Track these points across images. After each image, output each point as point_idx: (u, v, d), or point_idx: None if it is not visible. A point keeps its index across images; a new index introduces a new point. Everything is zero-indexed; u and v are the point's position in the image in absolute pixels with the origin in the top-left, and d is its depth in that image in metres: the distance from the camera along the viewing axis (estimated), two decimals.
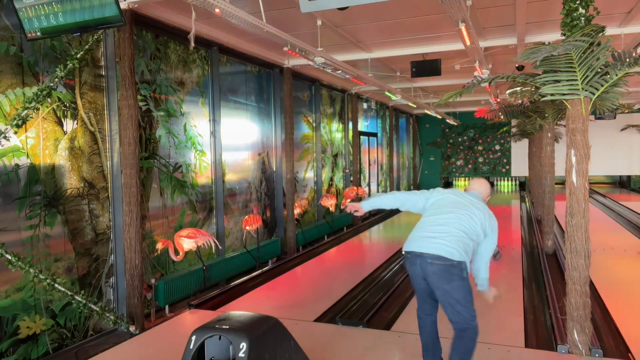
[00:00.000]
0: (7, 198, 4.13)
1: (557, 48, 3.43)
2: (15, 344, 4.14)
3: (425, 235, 3.26)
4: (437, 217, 3.33)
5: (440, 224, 3.27)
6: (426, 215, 3.44)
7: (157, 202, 5.83)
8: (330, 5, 3.55)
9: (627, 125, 17.83)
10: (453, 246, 3.13)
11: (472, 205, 3.35)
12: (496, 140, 19.71)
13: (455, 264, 3.11)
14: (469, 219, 3.26)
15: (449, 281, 3.11)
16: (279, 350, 2.98)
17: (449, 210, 3.34)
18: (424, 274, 3.20)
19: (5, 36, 4.13)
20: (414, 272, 3.29)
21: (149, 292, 5.49)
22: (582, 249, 3.81)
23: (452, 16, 4.66)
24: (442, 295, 3.17)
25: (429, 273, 3.16)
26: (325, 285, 6.29)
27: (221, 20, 4.76)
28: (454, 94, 4.48)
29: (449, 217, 3.28)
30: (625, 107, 12.11)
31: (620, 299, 5.27)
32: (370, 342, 4.25)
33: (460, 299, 3.13)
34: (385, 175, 15.64)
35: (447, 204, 3.40)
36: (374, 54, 8.21)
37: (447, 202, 3.41)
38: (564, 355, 3.87)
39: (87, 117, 4.90)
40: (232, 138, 7.39)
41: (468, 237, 3.21)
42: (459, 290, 3.12)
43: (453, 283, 3.11)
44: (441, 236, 3.18)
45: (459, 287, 3.12)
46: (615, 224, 10.58)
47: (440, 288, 3.15)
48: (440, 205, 3.41)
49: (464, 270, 3.16)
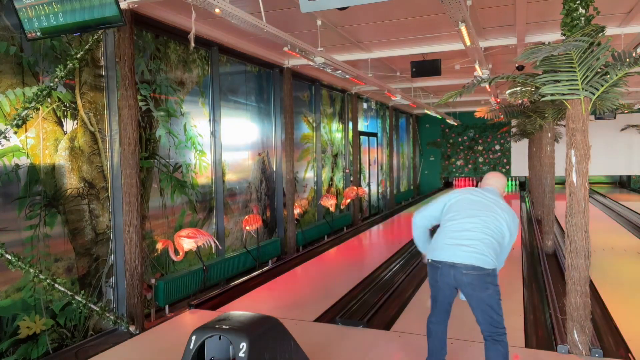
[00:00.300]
0: (7, 198, 4.13)
1: (557, 48, 3.43)
2: (15, 344, 4.14)
3: (453, 243, 3.15)
4: (461, 221, 3.22)
5: (467, 229, 3.17)
6: (448, 219, 3.30)
7: (157, 202, 5.83)
8: (330, 5, 3.55)
9: (627, 125, 17.82)
10: (485, 253, 3.07)
11: (495, 205, 3.26)
12: (496, 140, 19.71)
13: (490, 272, 3.08)
14: (494, 221, 3.18)
15: (484, 289, 3.07)
16: (279, 350, 2.98)
17: (473, 213, 3.23)
18: (458, 284, 3.14)
19: (5, 36, 4.13)
20: (444, 283, 3.19)
21: (149, 292, 5.49)
22: (582, 249, 3.81)
23: (452, 16, 4.66)
24: (477, 303, 3.12)
25: (463, 283, 3.10)
26: (325, 285, 6.29)
27: (221, 20, 4.76)
28: (454, 94, 4.47)
29: (474, 221, 3.18)
30: (625, 107, 12.10)
31: (620, 299, 5.27)
32: (370, 342, 4.25)
33: (494, 305, 3.10)
34: (385, 175, 15.64)
35: (468, 206, 3.29)
36: (374, 54, 8.21)
37: (467, 204, 3.30)
38: (564, 355, 3.87)
39: (87, 117, 4.90)
40: (232, 138, 7.39)
41: (496, 241, 3.15)
42: (492, 298, 3.09)
43: (488, 291, 3.08)
44: (471, 244, 3.10)
45: (492, 294, 3.09)
46: (615, 224, 10.58)
47: (475, 296, 3.11)
48: (461, 208, 3.30)
49: (496, 276, 3.14)
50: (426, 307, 3.55)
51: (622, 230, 9.86)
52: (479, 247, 3.08)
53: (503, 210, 3.25)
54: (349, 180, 12.11)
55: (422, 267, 7.02)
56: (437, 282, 3.24)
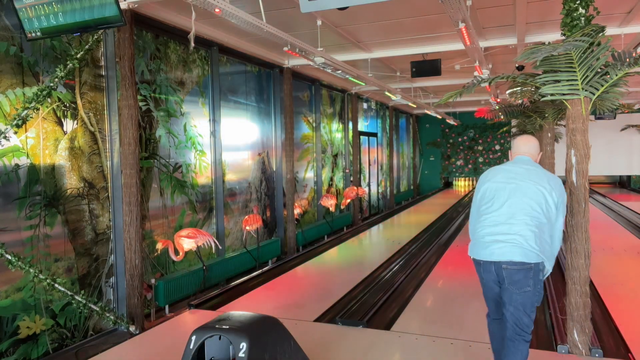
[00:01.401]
0: (7, 198, 4.13)
1: (557, 48, 3.43)
2: (15, 344, 4.14)
3: (491, 240, 2.95)
4: (496, 213, 2.97)
5: (501, 222, 2.93)
6: (483, 211, 3.06)
7: (157, 202, 5.83)
8: (330, 5, 3.55)
9: (627, 125, 17.82)
10: (525, 246, 2.86)
11: (530, 180, 2.93)
12: (496, 140, 19.71)
13: (533, 266, 2.87)
14: (533, 202, 2.88)
15: (522, 286, 2.88)
16: (279, 350, 2.98)
17: (506, 199, 2.95)
18: (499, 278, 2.97)
19: (5, 36, 4.13)
20: (488, 280, 3.04)
21: (149, 292, 5.49)
22: (582, 249, 3.81)
23: (452, 16, 4.67)
24: (508, 297, 2.94)
25: (503, 277, 2.93)
26: (325, 285, 6.28)
27: (221, 20, 4.76)
28: (454, 94, 4.47)
29: (510, 211, 2.92)
30: (625, 107, 12.11)
31: (620, 299, 5.27)
32: (370, 342, 4.25)
33: (527, 306, 2.91)
34: (385, 175, 15.64)
35: (501, 191, 2.99)
36: (374, 54, 8.21)
37: (500, 189, 3.00)
38: (564, 355, 3.88)
39: (87, 117, 4.90)
40: (232, 138, 7.39)
41: (541, 224, 2.87)
42: (527, 296, 2.89)
43: (525, 288, 2.88)
44: (509, 239, 2.88)
45: (529, 292, 2.89)
46: (615, 224, 10.58)
47: (510, 291, 2.92)
48: (494, 196, 3.01)
49: (541, 271, 2.91)
50: None
51: (622, 230, 9.86)
52: (517, 241, 2.87)
53: (541, 180, 2.93)
54: (349, 180, 12.11)
55: (422, 267, 7.03)
56: (483, 279, 3.11)
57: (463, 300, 5.36)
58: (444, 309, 5.14)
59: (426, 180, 20.67)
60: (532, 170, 3.02)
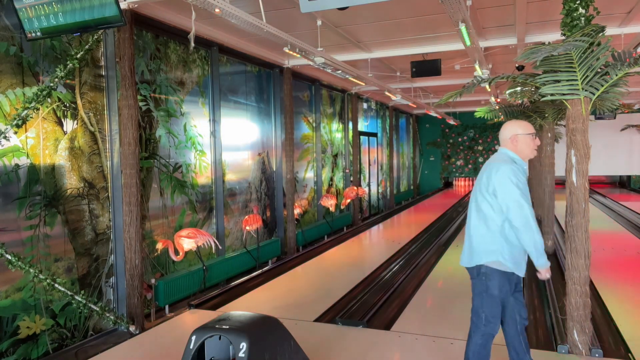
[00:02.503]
0: (7, 198, 4.13)
1: (557, 48, 3.43)
2: (15, 344, 4.14)
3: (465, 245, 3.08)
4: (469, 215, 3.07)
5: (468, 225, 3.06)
6: None
7: (157, 202, 5.83)
8: (330, 5, 3.55)
9: (627, 125, 17.82)
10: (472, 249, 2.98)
11: (484, 173, 2.95)
12: (496, 140, 19.66)
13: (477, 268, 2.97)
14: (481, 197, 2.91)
15: (474, 287, 3.02)
16: (279, 350, 2.98)
17: (471, 199, 3.05)
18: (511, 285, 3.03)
19: (5, 36, 4.13)
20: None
21: (149, 292, 5.49)
22: (582, 249, 3.81)
23: (452, 16, 4.66)
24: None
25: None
26: (325, 285, 6.29)
27: (221, 20, 4.76)
28: (454, 94, 4.48)
29: (470, 211, 3.04)
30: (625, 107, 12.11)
31: (620, 299, 5.27)
32: (370, 342, 4.25)
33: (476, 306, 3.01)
34: (385, 175, 15.64)
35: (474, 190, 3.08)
36: (374, 54, 8.21)
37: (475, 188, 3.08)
38: (564, 355, 3.88)
39: (87, 117, 4.90)
40: (232, 138, 7.39)
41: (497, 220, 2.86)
42: (476, 298, 3.00)
43: (476, 289, 3.00)
44: (465, 244, 3.04)
45: (478, 293, 2.99)
46: (616, 224, 10.58)
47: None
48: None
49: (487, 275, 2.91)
50: None
51: (622, 230, 9.86)
52: (466, 244, 3.03)
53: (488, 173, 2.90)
54: (349, 180, 12.11)
55: (422, 267, 7.03)
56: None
57: (463, 300, 5.35)
58: (444, 309, 5.14)
59: (426, 180, 20.67)
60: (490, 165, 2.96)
